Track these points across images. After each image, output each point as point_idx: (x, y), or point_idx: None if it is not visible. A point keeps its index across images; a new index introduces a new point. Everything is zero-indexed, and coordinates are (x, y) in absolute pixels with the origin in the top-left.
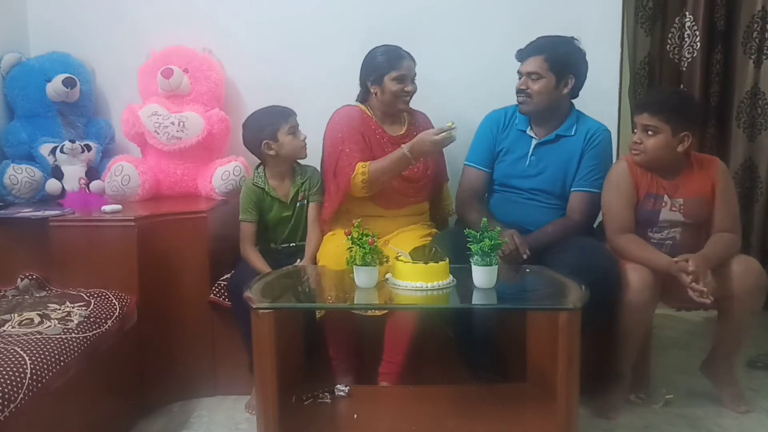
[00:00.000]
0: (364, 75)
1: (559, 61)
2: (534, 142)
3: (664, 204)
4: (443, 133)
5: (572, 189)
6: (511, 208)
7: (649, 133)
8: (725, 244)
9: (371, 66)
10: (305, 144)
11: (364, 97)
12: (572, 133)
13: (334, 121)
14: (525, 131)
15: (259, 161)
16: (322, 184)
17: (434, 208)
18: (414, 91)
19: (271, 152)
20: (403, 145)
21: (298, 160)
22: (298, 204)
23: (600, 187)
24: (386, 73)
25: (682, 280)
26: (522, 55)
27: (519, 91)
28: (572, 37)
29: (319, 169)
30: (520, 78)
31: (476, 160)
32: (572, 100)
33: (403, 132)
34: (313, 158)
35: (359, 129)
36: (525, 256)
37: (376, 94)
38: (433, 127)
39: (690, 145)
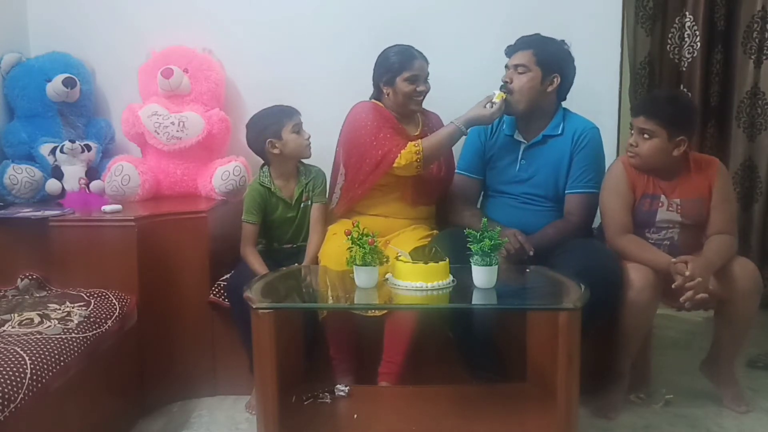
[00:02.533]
0: (377, 76)
1: (548, 57)
2: (523, 146)
3: (661, 204)
4: (497, 105)
5: (567, 191)
6: (506, 213)
7: (645, 136)
8: (725, 247)
9: (384, 67)
10: (309, 143)
11: (377, 98)
12: (559, 132)
13: (360, 115)
14: (512, 136)
15: (264, 162)
16: (326, 185)
17: (442, 209)
18: (427, 91)
19: (275, 151)
20: (453, 120)
21: (303, 160)
22: (302, 205)
23: (595, 186)
24: (398, 74)
25: (676, 280)
26: (510, 50)
27: (502, 84)
28: (562, 40)
29: (323, 170)
30: (506, 71)
31: (466, 167)
32: (561, 102)
33: (417, 133)
34: (316, 158)
35: (389, 121)
36: (531, 253)
37: (388, 94)
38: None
39: (686, 148)
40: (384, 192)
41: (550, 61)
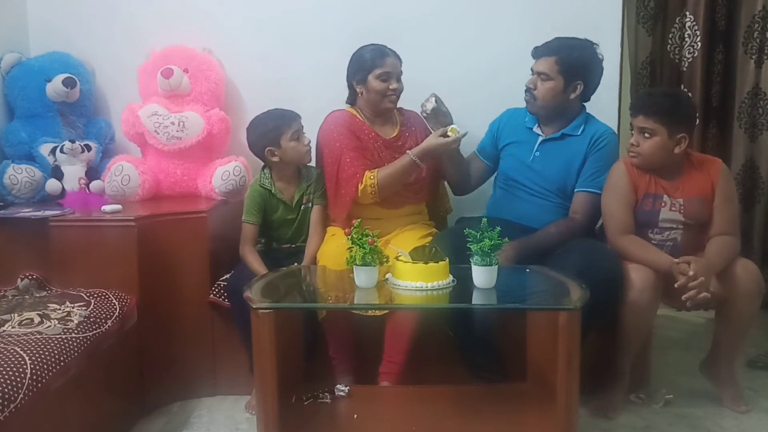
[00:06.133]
0: (350, 75)
1: (571, 65)
2: (540, 138)
3: (663, 204)
4: (453, 137)
5: (576, 189)
6: (514, 204)
7: (646, 135)
8: (727, 248)
9: (356, 65)
10: (309, 148)
11: (352, 99)
12: (578, 133)
13: (329, 129)
14: (532, 129)
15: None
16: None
17: (432, 207)
18: (400, 90)
19: (275, 159)
20: (409, 152)
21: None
22: (302, 207)
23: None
24: (370, 71)
25: (679, 281)
26: (536, 53)
27: (526, 89)
28: (591, 42)
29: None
30: (532, 75)
31: (479, 149)
32: (585, 104)
33: (395, 134)
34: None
35: (355, 134)
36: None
37: (362, 93)
38: (425, 127)
39: (687, 145)
40: None
41: (573, 69)
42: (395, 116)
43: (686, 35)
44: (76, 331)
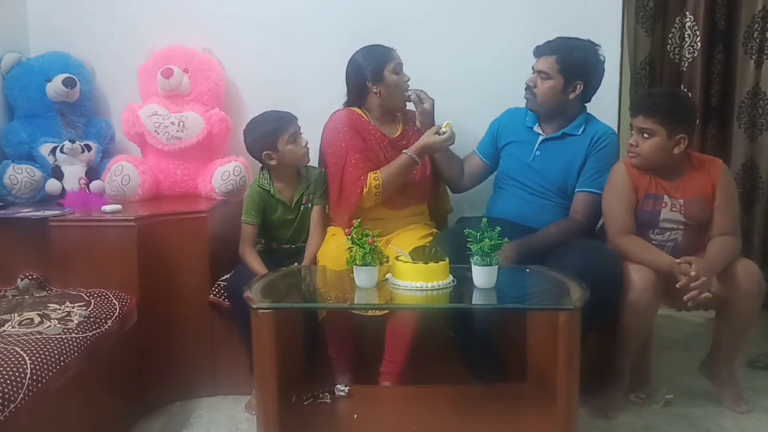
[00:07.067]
0: (359, 78)
1: (571, 65)
2: (540, 138)
3: (664, 204)
4: (447, 133)
5: (577, 189)
6: (514, 204)
7: (645, 135)
8: (728, 248)
9: (364, 67)
10: (307, 150)
11: (359, 102)
12: (579, 133)
13: (335, 128)
14: (533, 128)
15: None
16: (327, 188)
17: (433, 207)
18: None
19: (272, 162)
20: (405, 151)
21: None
22: (302, 207)
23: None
24: (384, 67)
25: (680, 281)
26: (537, 52)
27: (526, 87)
28: (593, 43)
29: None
30: (533, 73)
31: (479, 148)
32: (586, 104)
33: (399, 132)
34: (315, 159)
35: (361, 135)
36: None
37: (379, 93)
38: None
39: (687, 146)
40: None
41: (573, 69)
42: (399, 115)
43: (686, 35)
44: (76, 331)
